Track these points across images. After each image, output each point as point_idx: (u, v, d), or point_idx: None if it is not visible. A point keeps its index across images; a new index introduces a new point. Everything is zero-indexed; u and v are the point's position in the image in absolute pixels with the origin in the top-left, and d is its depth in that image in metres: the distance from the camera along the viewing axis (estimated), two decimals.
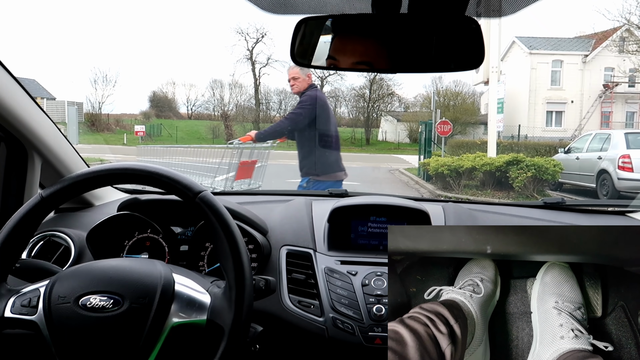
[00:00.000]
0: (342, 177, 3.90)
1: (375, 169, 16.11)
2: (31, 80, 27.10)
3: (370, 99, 32.52)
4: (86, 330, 0.76)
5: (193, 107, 39.56)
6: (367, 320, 1.13)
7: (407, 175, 13.97)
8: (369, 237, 1.34)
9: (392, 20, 0.94)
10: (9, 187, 1.30)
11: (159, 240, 1.26)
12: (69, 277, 0.82)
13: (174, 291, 0.82)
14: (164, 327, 0.78)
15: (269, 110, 36.37)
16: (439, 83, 30.66)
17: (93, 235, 1.23)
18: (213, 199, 0.87)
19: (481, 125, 24.46)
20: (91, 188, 0.91)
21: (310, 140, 3.76)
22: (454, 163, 10.49)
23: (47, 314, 0.78)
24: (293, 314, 1.17)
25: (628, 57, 21.23)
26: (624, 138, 9.57)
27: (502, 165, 10.01)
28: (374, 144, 30.08)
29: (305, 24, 0.96)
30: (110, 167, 0.90)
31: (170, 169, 0.91)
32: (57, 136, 1.35)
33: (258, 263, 1.23)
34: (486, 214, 1.53)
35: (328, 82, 32.34)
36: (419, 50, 0.96)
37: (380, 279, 1.18)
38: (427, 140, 13.78)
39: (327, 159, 3.81)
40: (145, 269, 0.83)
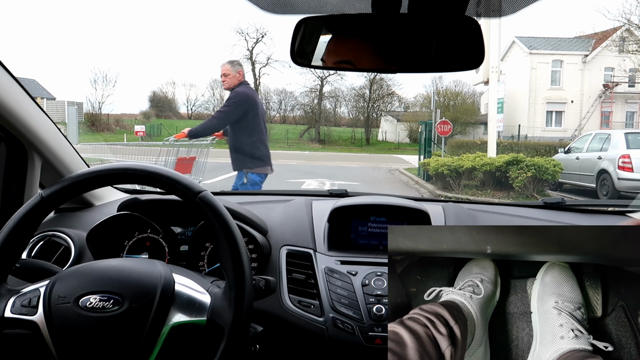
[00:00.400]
0: (269, 171, 4.08)
1: (375, 169, 16.13)
2: (31, 80, 27.13)
3: (370, 98, 32.55)
4: (86, 330, 0.76)
5: (193, 107, 39.61)
6: (367, 320, 1.13)
7: (407, 175, 13.97)
8: (369, 237, 1.34)
9: (392, 20, 0.94)
10: (9, 187, 1.30)
11: (159, 240, 1.26)
12: (69, 277, 0.82)
13: (174, 291, 0.82)
14: (164, 327, 0.78)
15: (269, 110, 36.42)
16: (439, 83, 30.70)
17: (93, 236, 1.23)
18: (213, 199, 0.87)
19: (481, 125, 24.48)
20: (91, 188, 0.91)
21: (240, 135, 3.89)
22: (454, 163, 10.47)
23: (47, 314, 0.78)
24: (293, 314, 1.17)
25: (628, 57, 21.24)
26: (624, 138, 9.57)
27: (502, 165, 10.00)
28: (374, 144, 30.10)
29: (305, 24, 0.96)
30: (110, 167, 0.90)
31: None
32: (57, 136, 1.35)
33: (258, 263, 1.23)
34: (486, 214, 1.53)
35: (328, 82, 32.38)
36: (419, 50, 0.96)
37: (380, 279, 1.18)
38: (427, 140, 13.76)
39: (256, 153, 3.94)
40: (145, 269, 0.83)
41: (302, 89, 49.31)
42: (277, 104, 37.29)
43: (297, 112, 36.62)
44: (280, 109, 37.82)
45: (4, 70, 1.12)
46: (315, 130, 31.27)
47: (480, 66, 6.61)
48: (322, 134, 30.61)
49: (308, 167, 15.49)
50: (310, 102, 33.67)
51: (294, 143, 28.82)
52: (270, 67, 33.13)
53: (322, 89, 32.78)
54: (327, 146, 28.13)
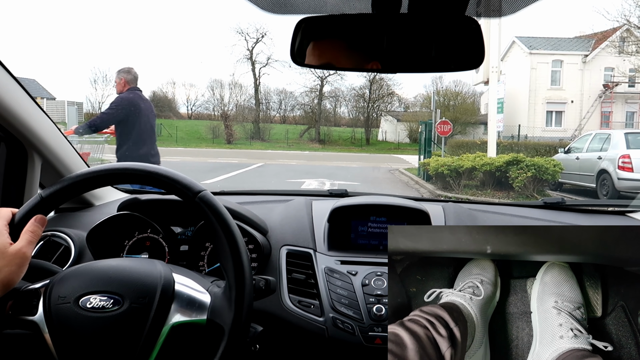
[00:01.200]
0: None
1: (375, 169, 16.17)
2: (31, 80, 27.15)
3: (370, 98, 32.55)
4: (86, 330, 0.76)
5: (193, 107, 39.66)
6: (367, 320, 1.13)
7: (407, 175, 13.98)
8: (369, 237, 1.34)
9: (392, 20, 0.94)
10: (9, 187, 1.30)
11: (159, 240, 1.26)
12: (69, 277, 0.82)
13: (174, 291, 0.82)
14: (164, 327, 0.78)
15: (269, 110, 36.43)
16: (439, 83, 30.72)
17: (93, 235, 1.23)
18: (213, 199, 0.87)
19: (481, 125, 24.51)
20: (91, 188, 0.91)
21: (124, 135, 4.35)
22: (454, 163, 10.48)
23: (47, 314, 0.77)
24: (293, 313, 1.17)
25: (628, 59, 21.24)
26: (624, 138, 9.58)
27: (502, 165, 10.01)
28: (374, 144, 30.12)
29: (305, 24, 0.96)
30: (109, 167, 0.89)
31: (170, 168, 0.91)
32: (57, 136, 1.35)
33: (258, 263, 1.23)
34: (486, 214, 1.53)
35: (328, 81, 32.41)
36: (418, 50, 0.96)
37: (380, 279, 1.18)
38: (427, 140, 13.76)
39: (140, 152, 4.34)
40: (145, 269, 0.83)
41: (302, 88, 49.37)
42: (277, 104, 37.32)
43: (297, 112, 36.67)
44: (280, 109, 37.85)
45: (4, 70, 1.12)
46: (315, 130, 31.29)
47: (480, 66, 6.61)
48: (322, 134, 30.63)
49: (308, 167, 15.52)
50: (310, 102, 33.71)
51: (294, 143, 28.85)
52: (270, 67, 33.21)
53: (322, 89, 32.81)
54: (327, 146, 28.16)
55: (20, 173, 1.29)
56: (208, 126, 29.58)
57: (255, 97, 33.78)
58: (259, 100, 34.04)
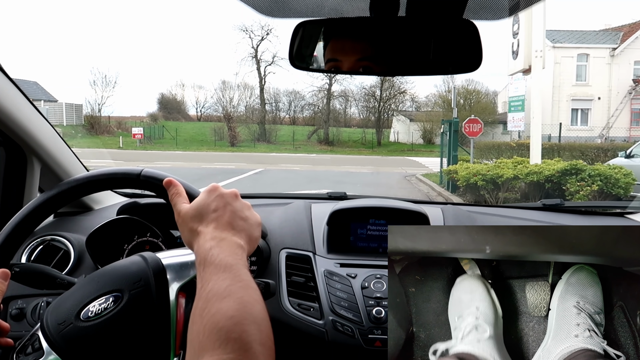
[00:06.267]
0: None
1: (388, 175, 15.14)
2: (33, 83, 27.44)
3: (382, 98, 32.40)
4: (100, 338, 0.77)
5: (202, 108, 39.77)
6: (367, 322, 1.18)
7: (426, 183, 12.56)
8: (368, 240, 1.39)
9: (390, 24, 0.99)
10: (8, 191, 1.36)
11: (158, 243, 1.32)
12: (59, 305, 0.83)
13: (163, 266, 0.83)
14: (170, 294, 0.80)
15: (278, 111, 36.42)
16: (450, 82, 30.44)
17: (92, 239, 1.29)
18: (155, 171, 0.90)
19: (499, 125, 24.27)
20: (90, 192, 0.95)
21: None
22: (489, 171, 8.83)
23: (54, 345, 0.78)
24: (293, 316, 1.22)
25: None
26: None
27: (554, 175, 8.15)
28: (386, 145, 29.90)
29: (303, 27, 1.02)
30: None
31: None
32: (56, 140, 1.41)
33: (258, 266, 1.29)
34: (485, 216, 1.58)
35: (337, 80, 32.20)
36: (417, 53, 1.02)
37: (379, 281, 1.24)
38: (452, 142, 11.66)
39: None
40: (127, 261, 0.85)
41: (311, 88, 49.30)
42: (287, 104, 37.31)
43: (306, 112, 36.61)
44: (290, 110, 37.84)
45: (3, 75, 1.18)
46: (323, 131, 31.18)
47: (521, 51, 6.61)
48: (331, 135, 30.42)
49: (312, 173, 14.82)
50: (319, 102, 33.66)
51: (301, 145, 28.66)
52: (276, 65, 33.06)
53: (330, 88, 32.75)
54: (336, 148, 27.97)
55: (20, 177, 1.35)
56: (212, 128, 29.59)
57: (261, 96, 33.69)
58: (264, 100, 33.99)
